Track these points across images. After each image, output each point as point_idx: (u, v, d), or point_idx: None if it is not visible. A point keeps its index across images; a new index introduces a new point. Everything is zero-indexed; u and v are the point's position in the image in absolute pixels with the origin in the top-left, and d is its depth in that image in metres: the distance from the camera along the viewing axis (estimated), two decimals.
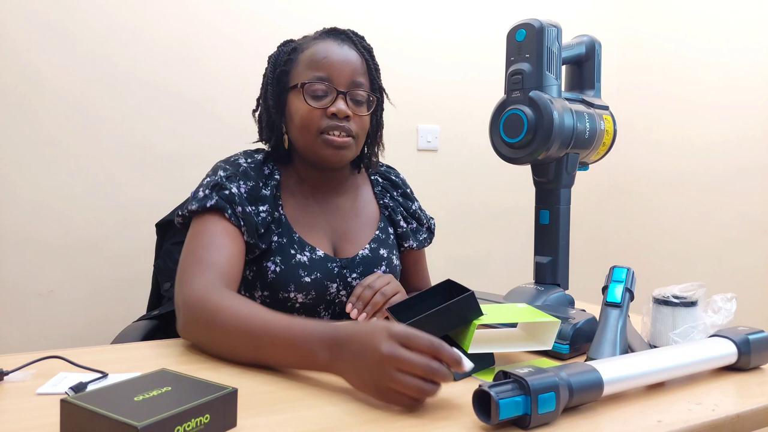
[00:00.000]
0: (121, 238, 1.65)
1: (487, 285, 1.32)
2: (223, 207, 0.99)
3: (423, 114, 2.11)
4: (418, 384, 0.64)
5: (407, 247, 1.19)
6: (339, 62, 1.04)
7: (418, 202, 1.26)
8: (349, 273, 1.08)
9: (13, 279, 1.55)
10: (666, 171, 2.34)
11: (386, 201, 1.20)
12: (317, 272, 1.05)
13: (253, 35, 1.79)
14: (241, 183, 1.03)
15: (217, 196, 0.99)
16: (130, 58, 1.65)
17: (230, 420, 0.60)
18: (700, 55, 2.22)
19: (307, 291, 1.04)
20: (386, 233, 1.16)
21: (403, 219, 1.20)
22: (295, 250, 1.05)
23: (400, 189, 1.24)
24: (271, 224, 1.04)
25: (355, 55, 1.07)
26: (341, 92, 1.04)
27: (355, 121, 1.05)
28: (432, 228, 1.26)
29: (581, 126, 1.05)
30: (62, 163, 1.59)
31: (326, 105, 1.03)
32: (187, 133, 1.73)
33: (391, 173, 1.27)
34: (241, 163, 1.08)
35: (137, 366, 0.75)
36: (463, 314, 0.78)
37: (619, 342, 0.80)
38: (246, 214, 1.00)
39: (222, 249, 0.95)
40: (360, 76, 1.06)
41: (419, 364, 0.64)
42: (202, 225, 0.98)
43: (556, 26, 1.04)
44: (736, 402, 0.72)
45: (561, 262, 1.10)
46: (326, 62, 1.04)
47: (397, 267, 1.16)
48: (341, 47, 1.06)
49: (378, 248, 1.13)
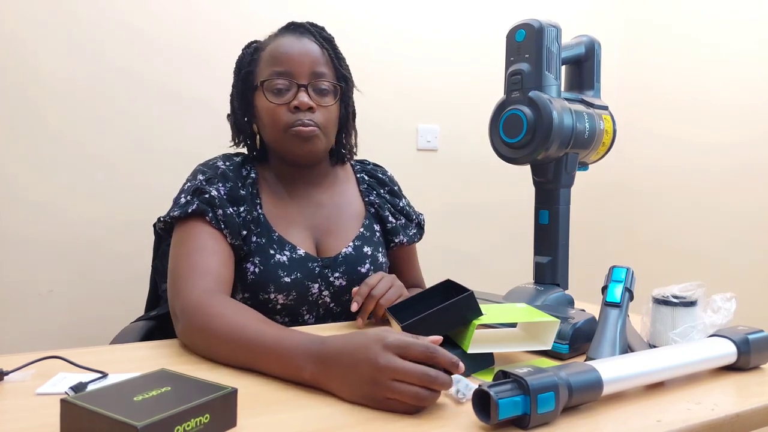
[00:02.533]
0: (120, 238, 1.65)
1: (487, 285, 1.32)
2: (204, 210, 0.99)
3: (423, 114, 2.11)
4: (417, 392, 0.64)
5: (398, 242, 1.19)
6: (298, 55, 1.05)
7: (406, 199, 1.26)
8: (331, 272, 1.07)
9: (13, 279, 1.55)
10: (665, 171, 2.34)
11: (372, 198, 1.19)
12: (297, 272, 1.03)
13: (256, 35, 1.79)
14: (220, 185, 1.04)
15: (198, 201, 1.00)
16: (130, 57, 1.65)
17: (230, 420, 0.60)
18: (700, 55, 2.22)
19: (287, 291, 1.03)
20: (371, 230, 1.15)
21: (391, 215, 1.19)
22: (274, 249, 1.04)
23: (387, 186, 1.23)
24: (251, 224, 1.04)
25: (315, 46, 1.08)
26: (302, 85, 1.05)
27: (320, 112, 1.06)
28: (421, 224, 1.26)
29: (581, 126, 1.05)
30: (62, 163, 1.59)
31: (289, 100, 1.04)
32: (188, 132, 1.73)
33: (377, 171, 1.26)
34: (219, 165, 1.08)
35: (137, 366, 0.75)
36: (462, 314, 0.78)
37: (619, 342, 0.80)
38: (227, 216, 1.00)
39: (213, 254, 0.96)
40: (321, 66, 1.07)
41: (416, 374, 0.64)
42: (187, 231, 0.99)
43: (556, 26, 1.04)
44: (735, 402, 0.72)
45: (560, 262, 1.10)
46: (285, 57, 1.05)
47: (383, 264, 1.14)
48: (299, 40, 1.07)
49: (362, 246, 1.11)
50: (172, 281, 0.93)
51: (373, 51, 1.99)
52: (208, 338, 0.82)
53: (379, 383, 0.64)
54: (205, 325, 0.83)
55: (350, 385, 0.67)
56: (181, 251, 0.96)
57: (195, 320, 0.85)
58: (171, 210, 1.02)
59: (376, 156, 1.41)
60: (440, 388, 0.65)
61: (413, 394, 0.63)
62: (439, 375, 0.64)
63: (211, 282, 0.92)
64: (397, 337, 0.66)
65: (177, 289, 0.91)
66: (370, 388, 0.65)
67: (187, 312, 0.86)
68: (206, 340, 0.83)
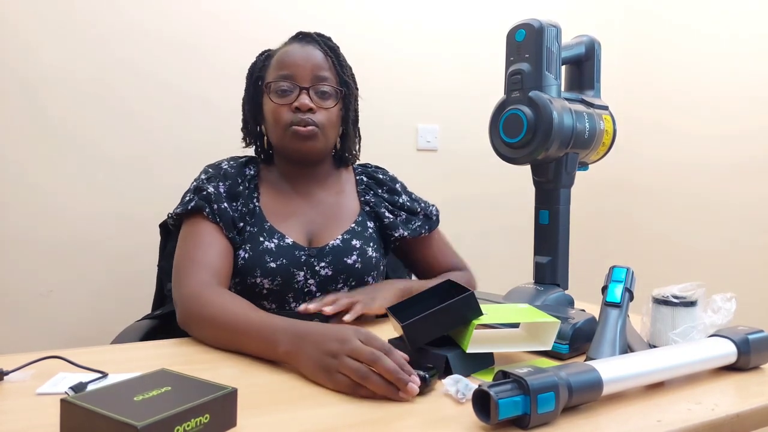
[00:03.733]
0: (120, 238, 1.65)
1: (487, 285, 1.32)
2: (201, 207, 1.07)
3: (423, 114, 2.11)
4: (359, 367, 0.70)
5: (398, 236, 1.21)
6: (301, 60, 1.13)
7: (409, 195, 1.28)
8: (317, 261, 1.11)
9: (13, 279, 1.55)
10: (666, 171, 2.34)
11: (368, 198, 1.23)
12: (283, 258, 1.09)
13: (258, 34, 1.79)
14: (219, 183, 1.12)
15: (197, 197, 1.09)
16: (130, 57, 1.65)
17: (230, 420, 0.60)
18: (700, 50, 2.22)
19: (272, 277, 1.08)
20: (363, 226, 1.18)
21: (388, 211, 1.22)
22: (264, 237, 1.10)
23: (386, 186, 1.26)
24: (246, 215, 1.11)
25: (318, 53, 1.15)
26: (303, 87, 1.12)
27: (320, 113, 1.12)
28: (430, 214, 1.28)
29: (581, 126, 1.05)
30: (62, 163, 1.59)
31: (291, 101, 1.11)
32: (189, 132, 1.73)
33: (378, 172, 1.30)
34: (223, 165, 1.17)
35: (137, 366, 0.75)
36: (462, 314, 0.78)
37: (619, 342, 0.80)
38: (222, 211, 1.08)
39: (210, 247, 1.04)
40: (323, 71, 1.13)
41: (365, 352, 0.71)
42: (189, 227, 1.08)
43: (556, 26, 1.04)
44: (735, 402, 0.72)
45: (560, 262, 1.10)
46: (289, 61, 1.13)
47: (372, 258, 1.16)
48: (304, 47, 1.15)
49: (351, 239, 1.15)
50: (174, 273, 1.03)
51: (373, 51, 1.99)
52: (201, 323, 0.92)
53: (336, 355, 0.72)
54: (199, 312, 0.93)
55: (313, 359, 0.75)
56: (184, 246, 1.06)
57: (191, 308, 0.94)
58: (176, 207, 1.11)
59: (376, 156, 1.41)
60: (384, 371, 0.69)
61: (356, 368, 0.70)
62: (384, 359, 0.69)
63: (208, 274, 1.00)
64: (368, 331, 0.75)
65: (178, 280, 1.01)
66: (328, 360, 0.73)
67: (185, 301, 0.96)
68: (199, 325, 0.93)
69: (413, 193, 1.30)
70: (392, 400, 0.68)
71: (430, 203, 1.31)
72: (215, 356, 0.85)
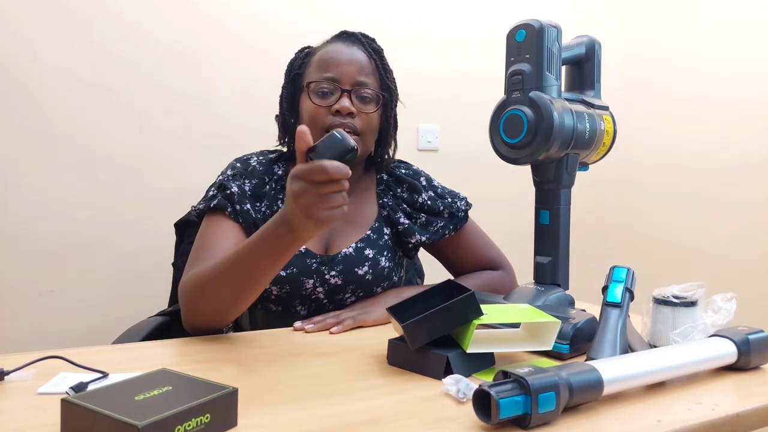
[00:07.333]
0: (120, 238, 1.65)
1: None
2: (224, 206, 1.05)
3: (423, 114, 2.11)
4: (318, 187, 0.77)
5: (414, 243, 1.17)
6: (345, 62, 1.09)
7: (434, 191, 1.22)
8: (327, 270, 1.09)
9: (14, 279, 1.55)
10: (666, 171, 2.34)
11: (386, 200, 1.19)
12: (293, 267, 1.07)
13: (258, 34, 1.79)
14: (245, 181, 1.09)
15: (221, 195, 1.06)
16: (131, 57, 1.65)
17: (231, 420, 0.60)
18: (701, 52, 2.22)
19: (281, 285, 1.07)
20: (379, 233, 1.15)
21: (405, 215, 1.18)
22: None
23: (406, 183, 1.21)
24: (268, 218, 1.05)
25: (363, 55, 1.12)
26: (345, 90, 1.08)
27: (360, 118, 1.09)
28: (456, 211, 1.21)
29: (581, 126, 1.05)
30: (63, 163, 1.59)
31: (331, 103, 1.08)
32: (190, 132, 1.73)
33: (400, 167, 1.24)
34: (251, 162, 1.14)
35: (138, 366, 0.75)
36: (463, 314, 0.78)
37: (619, 342, 0.80)
38: (244, 212, 1.05)
39: (226, 245, 1.01)
40: (366, 75, 1.11)
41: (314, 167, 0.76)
42: (207, 224, 1.06)
43: (556, 27, 1.04)
44: (735, 401, 0.72)
45: (561, 262, 1.10)
46: (333, 62, 1.09)
47: (386, 269, 1.13)
48: (349, 48, 1.12)
49: (364, 248, 1.12)
50: (186, 266, 1.01)
51: None
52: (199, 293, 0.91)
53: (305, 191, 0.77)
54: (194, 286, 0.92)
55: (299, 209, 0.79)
56: (199, 241, 1.04)
57: (186, 292, 0.93)
58: (200, 201, 1.09)
59: None
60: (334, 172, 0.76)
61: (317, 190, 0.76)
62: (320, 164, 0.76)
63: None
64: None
65: (185, 272, 0.99)
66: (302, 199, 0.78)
67: (180, 289, 0.95)
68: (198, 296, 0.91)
69: (440, 187, 1.24)
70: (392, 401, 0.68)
71: (461, 196, 1.25)
72: (216, 356, 0.85)
